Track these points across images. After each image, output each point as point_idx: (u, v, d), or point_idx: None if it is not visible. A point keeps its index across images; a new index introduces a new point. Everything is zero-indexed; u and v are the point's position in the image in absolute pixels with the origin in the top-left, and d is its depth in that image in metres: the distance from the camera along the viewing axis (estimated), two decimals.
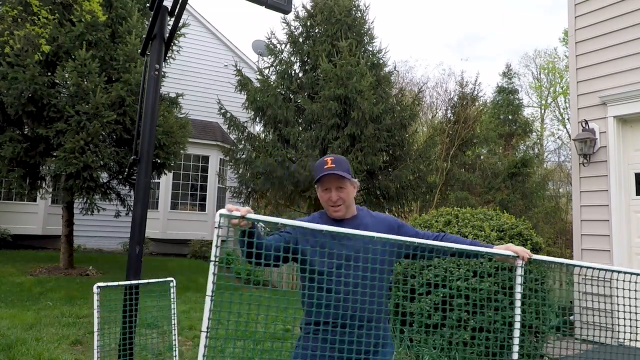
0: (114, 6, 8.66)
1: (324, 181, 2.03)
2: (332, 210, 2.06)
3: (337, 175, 2.01)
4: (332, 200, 2.03)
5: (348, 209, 2.09)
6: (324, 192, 2.06)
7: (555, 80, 25.08)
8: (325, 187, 2.04)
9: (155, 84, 3.20)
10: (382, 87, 10.27)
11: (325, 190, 2.05)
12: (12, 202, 11.90)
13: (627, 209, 5.56)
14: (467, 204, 11.64)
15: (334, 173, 2.00)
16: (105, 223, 12.51)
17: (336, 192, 2.03)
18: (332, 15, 10.28)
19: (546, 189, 16.18)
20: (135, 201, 3.11)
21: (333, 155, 2.08)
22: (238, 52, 15.89)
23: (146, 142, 3.15)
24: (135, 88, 8.14)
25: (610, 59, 5.77)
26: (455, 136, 13.40)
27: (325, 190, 2.05)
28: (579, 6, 6.17)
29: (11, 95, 7.60)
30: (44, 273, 8.41)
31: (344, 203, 2.05)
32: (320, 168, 2.06)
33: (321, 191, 2.07)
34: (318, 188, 2.08)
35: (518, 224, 4.73)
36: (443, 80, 35.37)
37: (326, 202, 2.06)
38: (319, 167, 2.07)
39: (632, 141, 5.63)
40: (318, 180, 2.04)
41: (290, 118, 9.97)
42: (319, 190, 2.09)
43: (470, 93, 14.30)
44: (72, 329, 5.11)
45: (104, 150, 8.09)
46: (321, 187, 2.06)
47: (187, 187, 13.73)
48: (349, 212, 2.11)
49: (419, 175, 10.74)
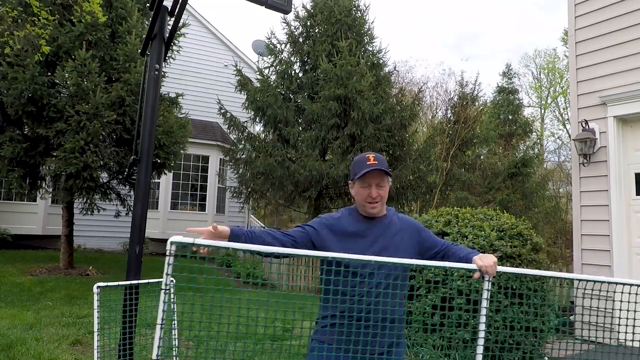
0: (114, 6, 8.66)
1: (366, 177, 2.02)
2: (369, 206, 2.05)
3: (381, 171, 2.01)
4: (372, 196, 2.03)
5: (383, 206, 2.10)
6: (362, 188, 2.05)
7: (555, 80, 25.09)
8: (366, 184, 2.04)
9: (155, 84, 3.20)
10: (382, 87, 10.27)
11: (365, 186, 2.04)
12: (12, 202, 11.89)
13: (627, 209, 5.56)
14: (467, 204, 11.64)
15: (379, 169, 2.00)
16: (105, 223, 12.51)
17: (376, 188, 2.03)
18: (332, 15, 10.28)
19: (546, 189, 16.19)
20: (135, 201, 3.11)
21: (373, 153, 2.08)
22: (238, 52, 15.89)
23: (146, 142, 3.15)
24: (135, 88, 8.14)
25: (610, 59, 5.76)
26: (455, 136, 13.39)
27: (365, 187, 2.04)
28: (579, 6, 6.17)
29: (11, 95, 7.60)
30: (44, 273, 8.41)
31: (382, 200, 2.06)
32: (362, 164, 2.04)
33: (359, 187, 2.06)
34: (355, 184, 2.07)
35: (518, 224, 4.73)
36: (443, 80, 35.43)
37: (365, 198, 2.05)
38: (360, 163, 2.06)
39: (632, 141, 5.63)
40: (360, 176, 2.03)
41: (290, 118, 9.97)
42: (355, 186, 2.08)
43: (470, 93, 14.30)
44: (72, 329, 5.11)
45: (104, 150, 8.09)
46: (361, 183, 2.05)
47: (187, 187, 13.72)
48: (382, 210, 2.12)
49: (419, 175, 10.74)
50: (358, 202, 2.10)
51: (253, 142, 10.67)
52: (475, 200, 12.67)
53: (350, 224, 2.07)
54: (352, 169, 2.11)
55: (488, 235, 4.46)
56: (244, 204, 12.32)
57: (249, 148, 10.56)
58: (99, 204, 9.02)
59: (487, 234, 4.47)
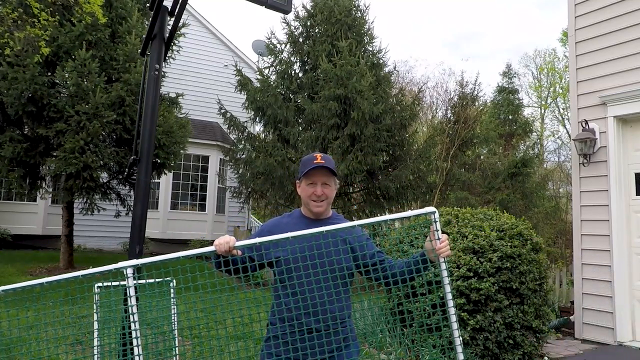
0: (114, 6, 8.66)
1: (312, 174, 2.04)
2: (314, 205, 2.06)
3: (327, 169, 2.03)
4: (317, 194, 2.04)
5: (328, 207, 2.11)
6: (308, 186, 2.06)
7: (555, 80, 25.08)
8: (311, 182, 2.05)
9: (155, 84, 3.20)
10: (382, 87, 10.26)
11: (311, 184, 2.05)
12: (12, 202, 11.90)
13: (627, 209, 5.56)
14: (467, 204, 11.63)
15: (325, 166, 2.02)
16: (105, 223, 12.51)
17: (322, 187, 2.05)
18: (332, 15, 10.27)
19: (546, 189, 16.17)
20: (135, 201, 3.11)
21: (322, 153, 2.09)
22: (238, 52, 15.89)
23: (146, 142, 3.15)
24: (135, 88, 8.14)
25: (610, 59, 5.76)
26: (455, 136, 13.37)
27: (311, 185, 2.05)
28: (579, 6, 6.16)
29: (11, 95, 7.60)
30: (44, 273, 8.42)
31: (327, 199, 2.07)
32: (308, 162, 2.06)
33: (305, 185, 2.07)
34: (302, 182, 2.08)
35: (518, 224, 4.72)
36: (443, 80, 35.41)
37: (310, 196, 2.06)
38: (307, 161, 2.07)
39: (632, 141, 5.63)
40: (305, 174, 2.04)
41: (290, 118, 9.96)
42: (302, 185, 2.09)
43: (470, 93, 14.27)
44: (72, 329, 5.11)
45: (104, 150, 8.09)
46: (306, 181, 2.06)
47: (187, 187, 13.73)
48: (327, 212, 2.12)
49: (419, 175, 10.73)
50: (303, 201, 2.11)
51: (253, 142, 10.66)
52: (475, 200, 12.65)
53: (291, 225, 2.06)
54: (299, 168, 2.13)
55: (488, 235, 4.46)
56: (244, 204, 12.32)
57: (249, 148, 10.55)
58: (99, 204, 9.02)
59: (487, 234, 4.47)
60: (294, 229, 1.96)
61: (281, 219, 2.15)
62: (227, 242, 1.82)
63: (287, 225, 2.06)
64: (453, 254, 4.40)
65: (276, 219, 2.17)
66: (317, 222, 2.07)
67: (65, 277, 1.69)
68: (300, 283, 1.95)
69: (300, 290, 1.95)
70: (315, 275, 1.97)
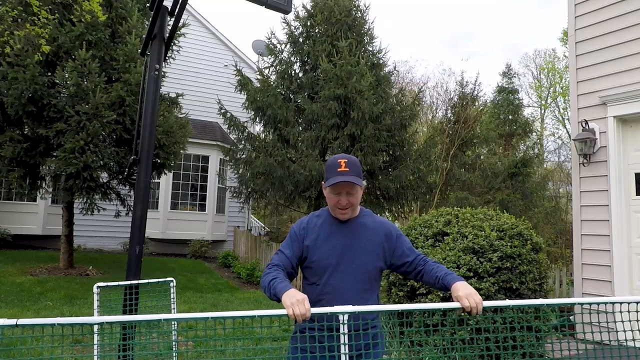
0: (114, 6, 8.66)
1: (336, 186, 2.02)
2: (339, 212, 2.06)
3: (351, 182, 2.00)
4: (342, 204, 2.03)
5: (353, 211, 2.10)
6: (333, 195, 2.04)
7: (555, 80, 25.09)
8: (337, 192, 2.03)
9: (155, 84, 3.20)
10: (382, 87, 10.26)
11: (336, 193, 2.03)
12: (12, 202, 11.89)
13: (627, 209, 5.56)
14: (467, 204, 11.63)
15: (348, 181, 1.99)
16: (105, 223, 12.51)
17: (346, 196, 2.03)
18: (332, 15, 10.27)
19: (546, 189, 16.17)
20: (135, 201, 3.11)
21: (346, 157, 2.04)
22: (238, 52, 15.89)
23: (146, 142, 3.15)
24: (135, 88, 8.14)
25: (610, 59, 5.76)
26: (455, 136, 13.37)
27: (336, 194, 2.04)
28: (579, 6, 6.16)
29: (11, 95, 7.60)
30: (44, 273, 8.42)
31: (352, 207, 2.06)
32: (333, 170, 2.02)
33: (330, 192, 2.05)
34: (327, 188, 2.06)
35: (518, 224, 4.73)
36: (443, 80, 35.41)
37: (335, 204, 2.05)
38: (332, 168, 2.03)
39: (632, 141, 5.63)
40: (330, 186, 2.02)
41: (290, 118, 9.96)
42: (327, 190, 2.06)
43: (470, 93, 14.27)
44: (72, 329, 5.11)
45: (104, 150, 8.09)
46: (332, 190, 2.04)
47: (187, 187, 13.73)
48: (354, 213, 2.12)
49: (419, 175, 10.73)
50: (329, 206, 2.12)
51: (253, 142, 10.66)
52: (475, 200, 12.65)
53: (320, 226, 2.09)
54: (325, 172, 2.11)
55: (488, 235, 4.46)
56: (244, 204, 12.33)
57: (249, 148, 10.55)
58: (99, 204, 9.02)
59: (487, 234, 4.47)
60: (327, 230, 2.06)
61: (315, 221, 2.12)
62: (303, 314, 1.69)
63: (322, 227, 2.09)
64: (454, 255, 4.41)
65: (307, 220, 2.14)
66: (346, 222, 2.10)
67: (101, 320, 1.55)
68: (333, 279, 1.99)
69: (332, 286, 1.99)
70: (347, 273, 2.00)
